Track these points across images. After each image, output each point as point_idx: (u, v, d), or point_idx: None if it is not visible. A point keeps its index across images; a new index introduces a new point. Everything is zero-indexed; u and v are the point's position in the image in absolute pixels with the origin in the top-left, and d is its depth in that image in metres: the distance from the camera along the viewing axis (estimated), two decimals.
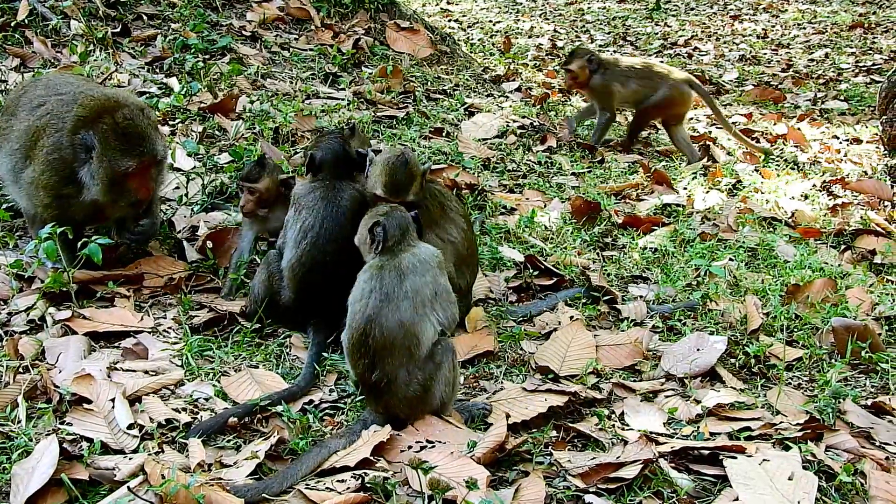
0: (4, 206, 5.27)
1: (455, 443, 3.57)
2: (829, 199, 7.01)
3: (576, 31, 15.98)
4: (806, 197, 7.05)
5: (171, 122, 6.65)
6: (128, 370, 4.03)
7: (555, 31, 15.88)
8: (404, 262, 3.78)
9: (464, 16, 17.06)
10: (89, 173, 4.53)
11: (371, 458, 3.43)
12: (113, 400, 3.71)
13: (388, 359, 3.66)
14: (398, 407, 3.72)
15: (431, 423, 3.71)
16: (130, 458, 3.36)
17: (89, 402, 3.70)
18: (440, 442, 3.57)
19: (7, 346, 4.06)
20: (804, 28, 16.30)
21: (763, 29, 16.20)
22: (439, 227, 4.59)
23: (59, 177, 4.58)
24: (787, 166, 7.82)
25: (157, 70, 7.62)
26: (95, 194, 4.56)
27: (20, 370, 3.91)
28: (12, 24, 7.61)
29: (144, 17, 8.39)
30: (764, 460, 3.49)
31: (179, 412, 3.76)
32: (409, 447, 3.53)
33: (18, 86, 5.22)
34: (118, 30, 8.00)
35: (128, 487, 3.10)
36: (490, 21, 16.64)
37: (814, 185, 7.25)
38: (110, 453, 3.44)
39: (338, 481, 3.29)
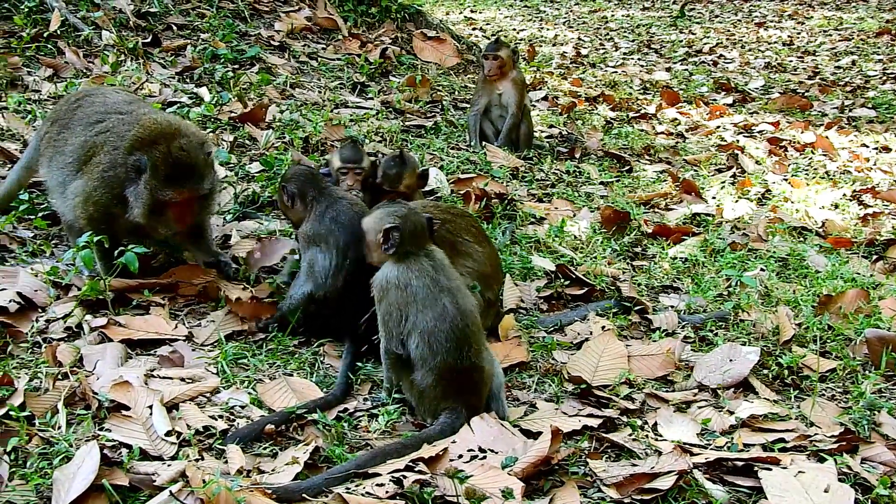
0: (41, 214, 5.33)
1: (505, 452, 3.58)
2: (860, 209, 6.99)
3: (599, 39, 16.00)
4: (836, 206, 7.03)
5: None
6: (164, 377, 4.07)
7: (579, 39, 15.91)
8: (441, 258, 3.98)
9: (487, 24, 17.12)
10: (134, 194, 4.56)
11: (410, 463, 3.46)
12: (150, 407, 3.75)
13: (478, 343, 3.84)
14: (483, 393, 3.87)
15: (489, 426, 3.72)
16: (169, 465, 3.38)
17: (127, 408, 3.74)
18: (492, 451, 3.58)
19: (46, 353, 4.11)
20: (830, 35, 16.25)
21: (788, 36, 16.17)
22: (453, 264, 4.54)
23: (112, 195, 4.61)
24: (816, 175, 7.80)
25: (188, 80, 7.70)
26: (137, 216, 4.59)
27: (59, 377, 3.95)
28: (45, 35, 7.71)
29: (174, 28, 8.48)
30: (799, 472, 3.47)
31: (216, 419, 3.79)
32: (460, 456, 3.54)
33: (69, 98, 5.23)
34: (149, 40, 8.09)
35: (170, 492, 3.12)
36: (514, 29, 16.69)
37: (844, 195, 7.23)
38: (149, 459, 3.46)
39: (377, 485, 3.31)
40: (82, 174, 4.71)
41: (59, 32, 7.80)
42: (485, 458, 3.56)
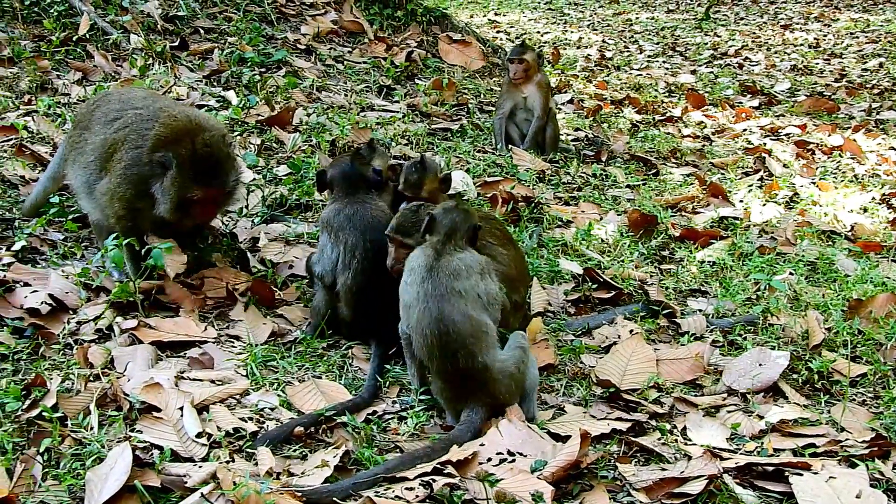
0: (71, 217, 5.38)
1: (534, 455, 3.58)
2: (889, 212, 6.92)
3: (624, 42, 15.95)
4: (865, 210, 6.97)
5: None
6: (194, 379, 4.10)
7: (603, 41, 15.87)
8: (452, 265, 3.95)
9: (511, 27, 17.11)
10: (161, 190, 4.60)
11: (439, 466, 3.46)
12: (181, 408, 3.77)
13: (472, 346, 3.81)
14: (500, 391, 3.84)
15: (517, 429, 3.72)
16: (200, 466, 3.41)
17: (158, 410, 3.76)
18: (521, 454, 3.58)
19: (77, 355, 4.15)
20: (857, 37, 16.13)
21: (815, 38, 16.07)
22: None
23: (136, 190, 4.65)
24: (844, 179, 7.74)
25: (215, 83, 7.74)
26: (163, 212, 4.63)
27: (91, 378, 3.98)
28: (74, 39, 7.78)
29: (201, 31, 8.53)
30: (830, 478, 3.45)
31: (246, 421, 3.81)
32: (489, 459, 3.55)
33: (88, 102, 5.30)
34: (176, 44, 8.15)
35: (201, 494, 3.15)
36: (538, 32, 16.67)
37: (873, 198, 7.16)
38: (180, 461, 3.49)
39: (406, 489, 3.32)
40: (105, 172, 4.76)
41: (87, 36, 7.87)
42: (514, 461, 3.56)
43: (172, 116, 4.70)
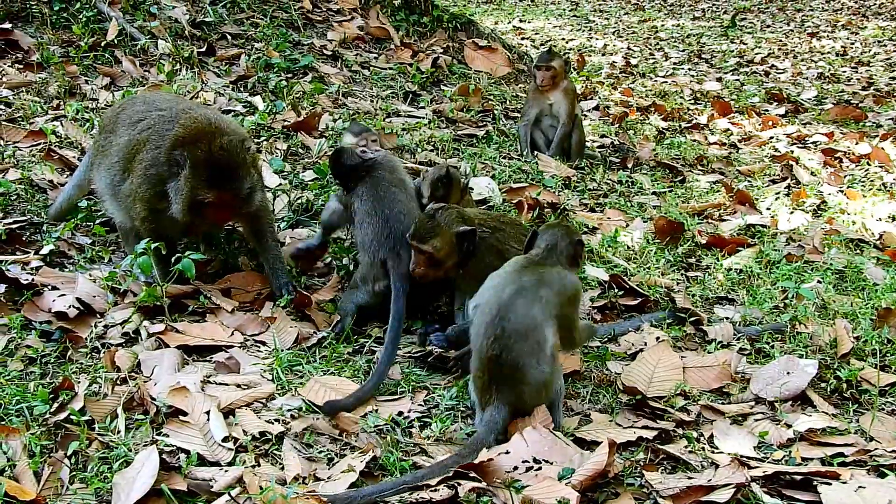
0: (98, 221, 5.42)
1: (560, 463, 3.56)
2: None
3: (649, 49, 15.90)
4: (893, 219, 6.90)
5: (256, 140, 6.77)
6: (220, 383, 4.11)
7: (628, 48, 15.83)
8: (548, 274, 3.97)
9: (536, 33, 17.09)
10: (174, 189, 4.60)
11: (462, 470, 3.46)
12: (207, 412, 3.78)
13: (519, 343, 3.78)
14: (526, 394, 3.81)
15: (542, 436, 3.70)
16: (226, 470, 3.42)
17: (185, 414, 3.78)
18: (546, 461, 3.57)
19: (105, 358, 4.17)
20: (885, 45, 16.01)
21: (842, 46, 15.95)
22: None
23: (155, 191, 4.66)
24: (872, 187, 7.68)
25: (242, 89, 7.78)
26: (176, 212, 4.62)
27: (118, 382, 4.00)
28: (102, 44, 7.83)
29: (228, 37, 8.57)
30: (860, 487, 3.42)
31: (272, 424, 3.82)
32: (515, 468, 3.53)
33: (114, 106, 5.34)
34: (203, 49, 8.19)
35: (227, 498, 3.16)
36: (563, 39, 16.64)
37: None
38: (206, 465, 3.50)
39: (432, 490, 3.31)
40: (128, 173, 4.78)
41: (116, 42, 7.92)
42: (540, 468, 3.55)
43: (193, 118, 4.71)
